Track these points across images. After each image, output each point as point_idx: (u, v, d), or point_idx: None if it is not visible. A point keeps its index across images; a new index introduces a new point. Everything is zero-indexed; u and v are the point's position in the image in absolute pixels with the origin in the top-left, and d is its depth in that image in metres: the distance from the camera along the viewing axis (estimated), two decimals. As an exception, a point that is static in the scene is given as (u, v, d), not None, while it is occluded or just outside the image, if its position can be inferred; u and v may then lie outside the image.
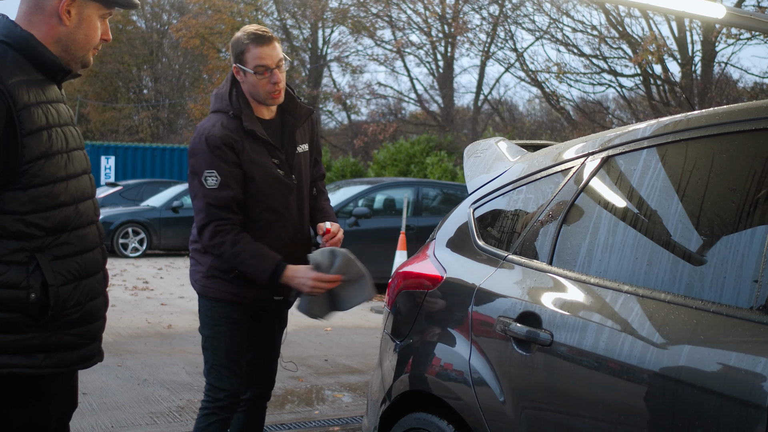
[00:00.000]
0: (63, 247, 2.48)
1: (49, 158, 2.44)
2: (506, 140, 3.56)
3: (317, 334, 9.43)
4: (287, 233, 3.73)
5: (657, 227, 2.49)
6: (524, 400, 2.61)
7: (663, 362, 2.18)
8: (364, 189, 14.26)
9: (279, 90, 3.61)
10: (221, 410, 3.67)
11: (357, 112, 34.46)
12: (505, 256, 2.96)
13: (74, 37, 2.56)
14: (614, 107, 30.44)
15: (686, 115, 2.58)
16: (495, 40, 29.96)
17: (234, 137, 3.55)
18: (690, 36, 22.56)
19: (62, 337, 2.50)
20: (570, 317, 2.50)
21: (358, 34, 32.38)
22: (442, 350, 3.05)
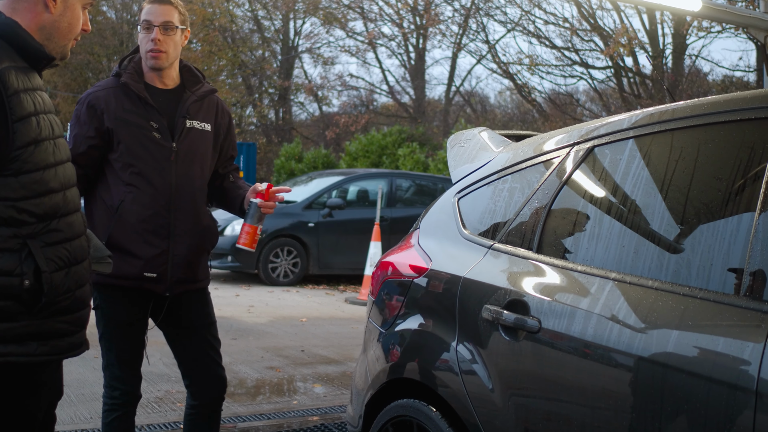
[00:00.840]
0: (53, 234, 2.47)
1: (38, 144, 2.43)
2: (489, 130, 3.59)
3: (293, 325, 9.44)
4: (159, 203, 3.52)
5: (643, 216, 2.53)
6: (512, 387, 2.65)
7: (651, 348, 2.22)
8: (338, 180, 14.28)
9: (158, 51, 3.53)
10: (120, 406, 3.59)
11: (329, 104, 34.41)
12: (490, 244, 2.99)
13: (58, 25, 2.56)
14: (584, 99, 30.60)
15: (671, 105, 2.62)
16: (467, 32, 30.03)
17: (100, 95, 3.51)
18: (661, 29, 22.74)
19: (54, 325, 2.49)
20: (558, 304, 2.53)
21: (329, 26, 32.31)
22: (428, 338, 3.07)
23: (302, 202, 13.46)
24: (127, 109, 3.52)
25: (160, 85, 3.63)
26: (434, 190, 15.16)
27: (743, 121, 2.36)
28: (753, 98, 2.37)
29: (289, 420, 5.60)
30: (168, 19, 3.54)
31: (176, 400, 5.87)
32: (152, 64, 3.57)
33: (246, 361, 7.29)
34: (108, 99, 3.51)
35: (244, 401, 6.05)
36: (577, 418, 2.40)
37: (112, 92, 3.53)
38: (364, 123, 29.77)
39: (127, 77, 3.54)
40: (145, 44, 3.55)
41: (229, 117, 3.87)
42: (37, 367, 2.52)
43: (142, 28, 3.55)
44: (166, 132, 3.57)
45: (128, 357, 3.59)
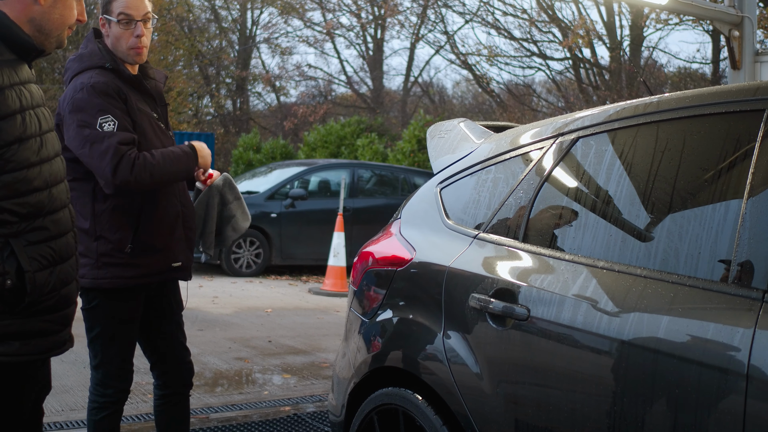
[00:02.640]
0: (37, 233, 2.40)
1: (23, 143, 2.36)
2: (468, 121, 3.62)
3: (258, 316, 9.43)
4: (175, 192, 3.60)
5: (630, 205, 2.57)
6: (500, 374, 2.68)
7: (642, 334, 2.27)
8: (300, 171, 14.27)
9: (142, 46, 3.48)
10: (112, 404, 3.56)
11: (286, 94, 34.29)
12: (475, 234, 3.02)
13: (49, 16, 2.49)
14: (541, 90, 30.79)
15: (656, 97, 2.67)
16: (425, 23, 30.08)
17: (119, 85, 3.42)
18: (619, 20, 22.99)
19: (37, 324, 2.43)
20: (546, 293, 2.57)
21: (287, 16, 32.17)
22: (414, 327, 3.10)
23: (264, 192, 13.43)
24: (138, 99, 3.51)
25: (132, 72, 3.58)
26: (396, 180, 15.20)
27: (728, 113, 2.41)
28: (738, 91, 2.43)
29: (262, 410, 5.61)
30: (147, 11, 3.49)
31: (146, 392, 5.85)
32: (136, 61, 3.52)
33: (214, 352, 7.28)
34: (120, 89, 3.42)
35: (214, 392, 6.05)
36: (567, 405, 2.44)
37: (118, 82, 3.44)
38: (322, 113, 29.72)
39: (123, 68, 3.48)
40: (127, 40, 3.45)
41: None
42: (17, 367, 2.46)
43: (121, 23, 3.43)
44: (165, 121, 3.62)
45: (128, 352, 3.58)
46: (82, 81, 3.38)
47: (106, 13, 3.47)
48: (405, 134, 21.40)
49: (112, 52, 3.50)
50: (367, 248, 3.58)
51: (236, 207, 3.85)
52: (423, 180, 15.21)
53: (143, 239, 3.45)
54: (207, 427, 5.14)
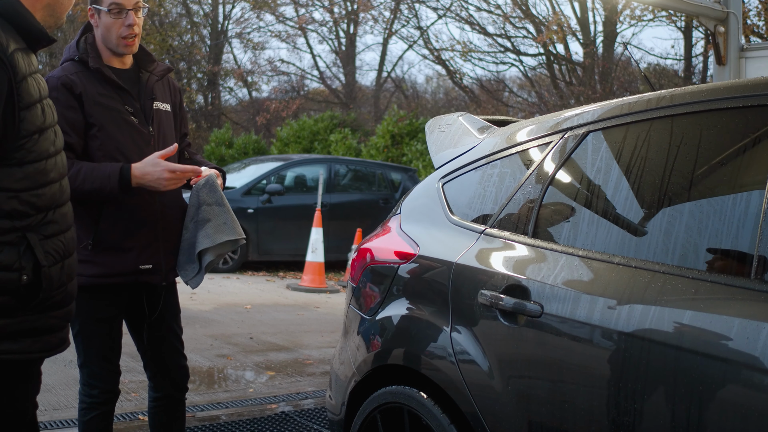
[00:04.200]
0: (50, 226, 2.39)
1: (42, 133, 2.36)
2: (468, 115, 3.57)
3: (238, 312, 9.34)
4: (149, 190, 3.37)
5: (645, 200, 2.54)
6: (513, 372, 2.64)
7: (663, 331, 2.23)
8: (277, 166, 14.17)
9: (134, 35, 3.38)
10: (100, 405, 3.47)
11: (258, 89, 34.07)
12: (482, 230, 2.97)
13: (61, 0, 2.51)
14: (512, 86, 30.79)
15: (670, 91, 2.64)
16: (398, 18, 30.01)
17: (73, 78, 3.30)
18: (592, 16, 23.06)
19: (48, 321, 2.42)
20: (561, 289, 2.53)
21: (259, 11, 31.94)
22: (418, 324, 3.05)
23: (241, 188, 13.33)
24: (101, 93, 3.37)
25: (120, 65, 3.49)
26: (372, 175, 15.15)
27: (745, 108, 2.38)
28: (755, 85, 2.40)
29: (248, 408, 5.54)
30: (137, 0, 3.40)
31: (130, 390, 5.77)
32: (127, 51, 3.42)
33: (196, 349, 7.19)
34: (83, 83, 3.34)
35: (199, 390, 5.97)
36: (583, 403, 2.40)
37: (83, 76, 3.35)
38: (295, 109, 29.56)
39: (94, 61, 3.38)
40: (117, 30, 3.36)
41: (180, 94, 3.77)
42: (28, 364, 2.45)
43: (111, 12, 3.34)
44: (141, 116, 3.46)
45: (109, 353, 3.48)
46: (47, 76, 3.32)
47: (95, 2, 3.38)
48: (378, 129, 21.36)
49: (96, 44, 3.43)
50: (365, 244, 3.52)
51: (212, 212, 3.46)
52: (399, 175, 15.18)
53: (105, 237, 3.34)
54: (194, 426, 5.07)
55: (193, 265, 3.47)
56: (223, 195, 3.51)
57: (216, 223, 3.45)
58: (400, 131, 20.78)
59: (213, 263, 3.51)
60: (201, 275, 3.50)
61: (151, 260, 3.44)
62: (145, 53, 3.59)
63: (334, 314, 9.70)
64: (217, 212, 3.46)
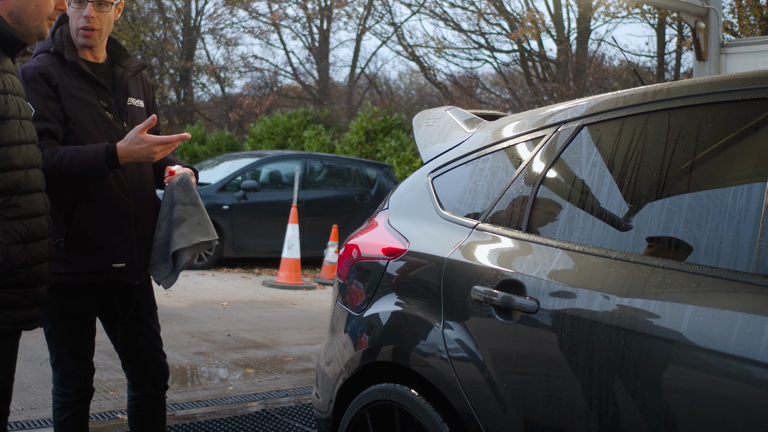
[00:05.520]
0: (12, 209, 2.52)
1: (5, 121, 2.48)
2: (456, 108, 3.53)
3: (214, 309, 9.26)
4: (123, 188, 3.34)
5: (642, 194, 2.51)
6: (507, 369, 2.60)
7: (664, 325, 2.20)
8: (252, 162, 14.08)
9: (91, 28, 3.31)
10: (74, 404, 3.42)
11: (231, 85, 33.86)
12: (474, 224, 2.93)
13: (25, 8, 2.59)
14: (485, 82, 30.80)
15: (666, 84, 2.61)
16: (372, 14, 29.94)
17: (50, 70, 3.25)
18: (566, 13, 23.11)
19: (8, 295, 2.55)
20: (557, 284, 2.49)
21: (232, 6, 31.75)
22: (409, 321, 3.01)
23: (216, 184, 13.22)
24: (77, 86, 3.31)
25: (92, 59, 3.43)
26: (347, 172, 15.09)
27: (744, 101, 2.36)
28: (754, 78, 2.38)
29: (228, 406, 5.48)
30: None
31: (108, 389, 5.69)
32: (84, 43, 3.35)
33: (173, 347, 7.10)
34: (59, 74, 3.27)
35: (178, 388, 5.89)
36: (582, 400, 2.37)
37: (59, 68, 3.29)
38: (268, 105, 29.42)
39: (69, 54, 3.32)
40: (76, 20, 3.32)
41: (153, 91, 3.72)
42: None
43: (74, 2, 3.31)
44: (115, 111, 3.40)
45: (83, 350, 3.41)
46: (22, 67, 3.29)
47: None
48: (352, 126, 21.30)
49: (69, 35, 3.38)
50: (352, 240, 3.47)
51: (187, 212, 3.39)
52: (375, 172, 15.13)
53: (77, 235, 3.27)
54: (174, 425, 5.00)
55: (167, 264, 3.40)
56: (197, 194, 3.45)
57: (191, 222, 3.38)
58: (374, 127, 20.74)
59: (188, 263, 3.45)
60: (175, 275, 3.44)
61: (124, 258, 3.38)
62: (118, 48, 3.53)
63: (312, 311, 9.64)
64: (192, 212, 3.40)
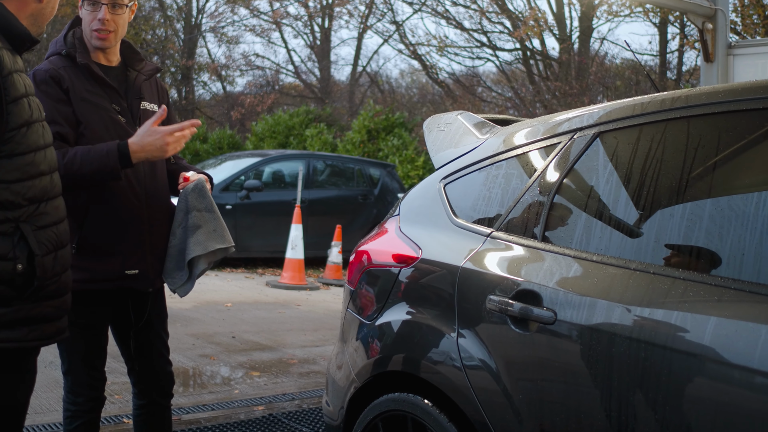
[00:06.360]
0: (42, 217, 2.47)
1: (30, 126, 2.44)
2: (467, 113, 3.49)
3: (218, 310, 9.23)
4: (136, 193, 3.31)
5: (662, 203, 2.47)
6: (524, 380, 2.56)
7: (686, 338, 2.16)
8: (255, 162, 14.02)
9: (106, 30, 3.27)
10: (85, 413, 3.37)
11: (232, 83, 33.81)
12: (488, 232, 2.89)
13: (44, 11, 2.60)
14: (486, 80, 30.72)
15: (685, 91, 2.57)
16: (374, 12, 29.88)
17: (61, 73, 3.22)
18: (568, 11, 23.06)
19: (43, 309, 2.49)
20: (575, 295, 2.46)
21: (233, 4, 31.70)
22: (422, 330, 2.97)
23: (219, 184, 13.15)
24: (89, 90, 3.27)
25: (105, 62, 3.40)
26: (351, 171, 15.04)
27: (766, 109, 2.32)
28: (776, 85, 2.34)
29: (234, 410, 5.45)
30: None
31: (114, 392, 5.65)
32: (98, 45, 3.32)
33: (178, 349, 7.07)
34: (70, 77, 3.24)
35: (183, 392, 5.87)
36: (601, 413, 2.33)
37: (71, 71, 3.26)
38: (270, 103, 29.38)
39: (82, 57, 3.28)
40: (90, 23, 3.30)
41: (168, 95, 3.68)
42: (24, 354, 2.51)
43: (88, 4, 3.29)
44: (128, 115, 3.36)
45: (94, 360, 3.37)
46: (34, 69, 3.27)
47: None
48: (354, 125, 21.25)
49: (82, 38, 3.35)
50: (362, 246, 3.43)
51: (202, 219, 3.34)
52: (378, 171, 15.09)
53: (90, 241, 3.23)
54: (180, 430, 4.96)
55: (182, 272, 3.35)
56: (212, 201, 3.41)
57: (207, 229, 3.34)
58: (376, 126, 20.70)
59: (204, 271, 3.40)
60: (191, 283, 3.40)
61: (137, 265, 3.33)
62: (132, 51, 3.50)
63: (316, 312, 9.61)
64: (208, 218, 3.36)
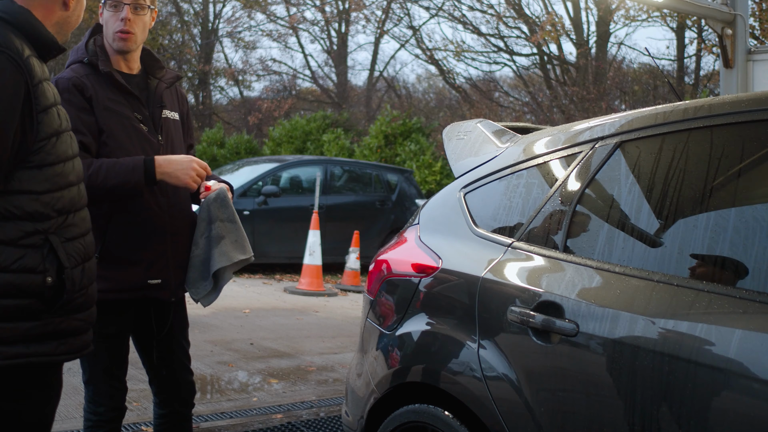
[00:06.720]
0: (70, 229, 2.44)
1: (59, 136, 2.41)
2: (486, 121, 3.47)
3: (236, 317, 9.23)
4: (159, 203, 3.29)
5: (685, 214, 2.44)
6: (545, 390, 2.54)
7: (711, 352, 2.14)
8: (272, 167, 14.02)
9: (128, 32, 3.26)
10: (106, 423, 3.34)
11: (249, 87, 33.91)
12: (509, 242, 2.87)
13: (69, 19, 2.57)
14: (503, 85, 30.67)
15: (708, 100, 2.54)
16: (390, 17, 29.90)
17: (84, 81, 3.21)
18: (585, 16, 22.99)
19: (71, 323, 2.45)
20: (598, 307, 2.43)
21: (250, 9, 31.81)
22: (443, 341, 2.95)
23: (236, 190, 13.16)
24: (111, 98, 3.26)
25: (126, 70, 3.38)
26: (368, 177, 15.03)
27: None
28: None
29: (252, 418, 5.44)
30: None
31: (132, 399, 5.65)
32: (120, 47, 3.30)
33: (196, 356, 7.06)
34: (93, 86, 3.23)
35: (202, 399, 5.86)
36: (624, 426, 2.31)
37: (93, 79, 3.25)
38: (287, 108, 29.44)
39: (104, 65, 3.27)
40: (113, 24, 3.28)
41: (187, 103, 3.67)
42: (53, 369, 2.48)
43: (109, 6, 3.28)
44: (150, 124, 3.34)
45: (116, 370, 3.36)
46: (56, 77, 3.24)
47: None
48: (371, 130, 21.25)
49: (103, 45, 3.34)
50: (382, 256, 3.42)
51: (225, 229, 3.33)
52: (396, 177, 15.07)
53: (112, 250, 3.22)
54: (199, 438, 4.96)
55: (206, 282, 3.34)
56: (234, 210, 3.39)
57: (230, 240, 3.33)
58: (393, 131, 20.70)
59: (227, 281, 3.40)
60: (216, 294, 3.39)
61: (160, 275, 3.32)
62: (153, 59, 3.48)
63: (334, 318, 9.60)
64: (230, 229, 3.35)
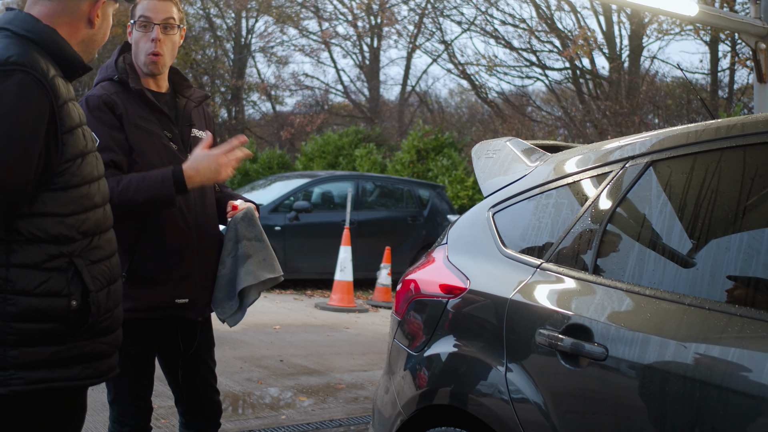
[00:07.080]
0: (96, 251, 2.40)
1: (85, 157, 2.38)
2: (516, 139, 3.43)
3: (266, 333, 9.22)
4: (186, 222, 3.28)
5: (717, 236, 2.39)
6: (573, 415, 2.49)
7: (744, 378, 2.08)
8: (304, 183, 14.05)
9: (158, 53, 3.26)
10: None
11: (281, 102, 34.05)
12: (538, 264, 2.83)
13: (95, 37, 2.52)
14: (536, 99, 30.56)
15: (741, 119, 2.49)
16: (422, 32, 29.90)
17: (114, 99, 3.20)
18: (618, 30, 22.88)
19: (96, 346, 2.41)
20: (627, 331, 2.38)
21: (283, 24, 31.96)
22: (470, 363, 2.91)
23: (268, 205, 13.20)
24: (141, 116, 3.25)
25: (155, 88, 3.38)
26: (400, 192, 15.01)
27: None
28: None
29: (282, 436, 5.42)
30: (169, 16, 3.29)
31: (160, 416, 5.65)
32: (151, 69, 3.30)
33: (225, 373, 7.06)
34: (123, 104, 3.22)
35: (230, 417, 5.84)
36: (654, 453, 2.25)
37: (123, 97, 3.24)
38: (319, 123, 29.51)
39: (135, 82, 3.27)
40: (143, 44, 3.27)
41: (213, 123, 3.66)
42: (77, 393, 2.45)
43: (139, 26, 3.27)
44: (180, 143, 3.34)
45: (141, 390, 3.33)
46: (86, 95, 3.25)
47: (132, 18, 3.31)
48: (404, 144, 21.21)
49: (132, 63, 3.34)
50: (410, 275, 3.38)
51: (252, 248, 3.33)
52: (427, 192, 15.03)
53: (140, 269, 3.20)
54: (227, 456, 4.94)
55: (232, 302, 3.32)
56: (262, 229, 3.38)
57: (257, 259, 3.31)
58: (426, 146, 20.65)
59: (254, 301, 3.38)
60: (241, 313, 3.37)
61: (187, 294, 3.30)
62: (181, 78, 3.48)
63: (365, 335, 9.57)
64: (258, 248, 3.34)
